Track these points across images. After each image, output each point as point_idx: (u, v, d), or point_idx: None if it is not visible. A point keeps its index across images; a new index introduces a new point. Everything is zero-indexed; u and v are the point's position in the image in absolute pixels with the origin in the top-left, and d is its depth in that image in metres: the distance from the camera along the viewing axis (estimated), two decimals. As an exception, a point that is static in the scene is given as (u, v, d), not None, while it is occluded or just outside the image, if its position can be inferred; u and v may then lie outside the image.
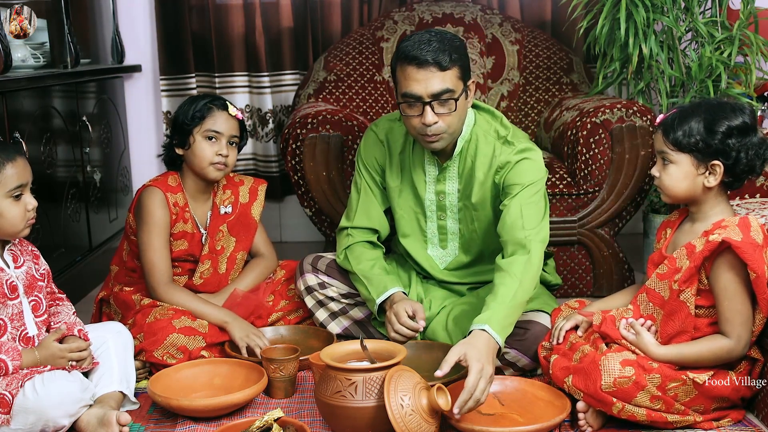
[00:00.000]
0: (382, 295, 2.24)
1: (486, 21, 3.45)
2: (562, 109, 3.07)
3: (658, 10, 2.86)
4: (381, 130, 2.37)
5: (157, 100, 3.75)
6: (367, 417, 1.79)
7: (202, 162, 2.35)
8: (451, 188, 2.30)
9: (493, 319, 1.96)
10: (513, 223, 2.12)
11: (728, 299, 1.82)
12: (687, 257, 1.86)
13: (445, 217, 2.33)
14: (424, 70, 2.06)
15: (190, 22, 3.61)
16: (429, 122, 2.10)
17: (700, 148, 1.86)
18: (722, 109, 1.88)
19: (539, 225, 2.13)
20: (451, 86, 2.09)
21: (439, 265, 2.39)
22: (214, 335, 2.29)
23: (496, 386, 2.02)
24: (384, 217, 2.40)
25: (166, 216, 2.36)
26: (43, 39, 3.03)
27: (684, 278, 1.84)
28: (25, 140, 2.55)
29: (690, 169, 1.88)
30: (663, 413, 1.83)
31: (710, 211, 1.91)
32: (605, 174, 2.79)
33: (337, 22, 3.67)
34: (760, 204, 2.20)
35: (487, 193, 2.25)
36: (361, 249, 2.36)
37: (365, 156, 2.38)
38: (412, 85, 2.08)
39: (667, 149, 1.90)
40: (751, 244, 1.77)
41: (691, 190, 1.90)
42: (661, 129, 1.92)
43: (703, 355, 1.84)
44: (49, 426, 1.84)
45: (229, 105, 2.38)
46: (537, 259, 2.08)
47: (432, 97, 2.08)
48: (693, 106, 1.92)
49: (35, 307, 1.98)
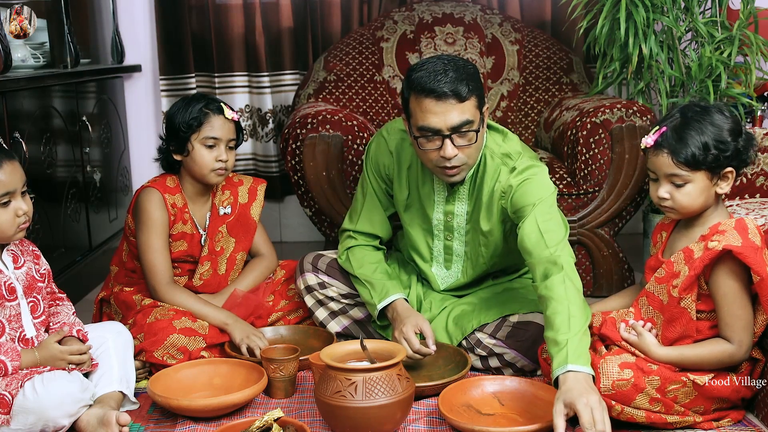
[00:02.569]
0: (384, 301, 2.23)
1: (486, 21, 3.45)
2: (562, 109, 3.07)
3: (658, 10, 2.86)
4: (392, 140, 2.31)
5: (157, 100, 3.75)
6: (367, 417, 1.79)
7: (203, 169, 2.34)
8: (460, 210, 2.25)
9: (568, 355, 1.79)
10: (535, 243, 2.01)
11: (729, 304, 1.81)
12: (685, 262, 1.84)
13: (452, 238, 2.30)
14: (443, 103, 1.99)
15: (190, 22, 3.61)
16: (449, 155, 2.03)
17: (719, 162, 1.82)
18: (713, 115, 1.84)
19: (563, 241, 2.02)
20: (471, 117, 2.02)
21: (440, 285, 2.38)
22: (214, 336, 2.29)
23: (496, 386, 2.03)
24: (386, 223, 2.39)
25: (165, 217, 2.36)
26: (43, 39, 3.03)
27: (684, 286, 1.83)
28: (25, 140, 2.55)
29: (706, 183, 1.84)
30: (662, 415, 1.83)
31: (709, 214, 1.90)
32: (605, 174, 2.79)
33: (337, 22, 3.67)
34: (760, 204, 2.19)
35: (495, 218, 2.19)
36: (363, 252, 2.35)
37: (375, 161, 2.34)
38: (430, 119, 2.01)
39: (681, 171, 1.82)
40: (751, 247, 1.77)
41: (706, 202, 1.87)
42: (668, 152, 1.83)
43: (705, 357, 1.83)
44: (49, 426, 1.84)
45: (224, 108, 2.35)
46: (573, 273, 1.96)
47: (452, 130, 2.01)
48: (683, 120, 1.85)
49: (33, 308, 1.98)
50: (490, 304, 2.27)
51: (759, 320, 1.84)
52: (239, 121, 2.40)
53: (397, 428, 1.88)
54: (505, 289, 2.36)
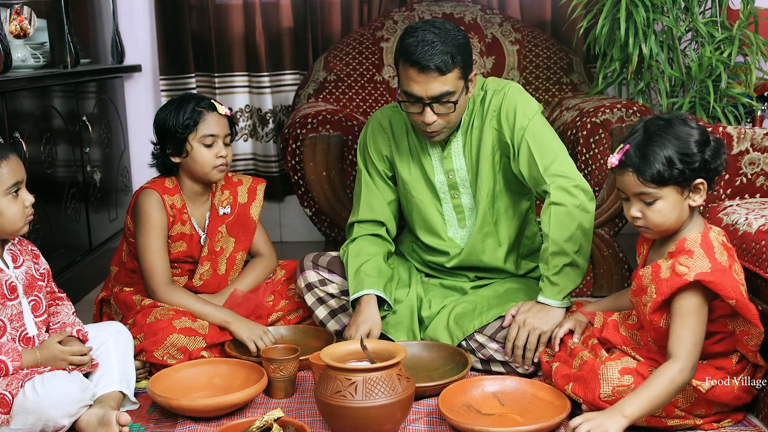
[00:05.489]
0: (355, 294, 2.26)
1: (486, 21, 3.45)
2: (562, 109, 3.07)
3: (658, 10, 2.86)
4: (384, 116, 2.41)
5: (157, 100, 3.75)
6: (367, 417, 1.79)
7: (205, 167, 2.34)
8: (459, 164, 2.32)
9: (543, 289, 2.15)
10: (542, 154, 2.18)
11: (684, 318, 1.76)
12: (652, 279, 1.80)
13: (458, 195, 2.35)
14: (425, 75, 2.12)
15: (190, 22, 3.61)
16: (428, 121, 2.18)
17: (686, 176, 1.76)
18: (676, 127, 1.78)
19: (554, 162, 2.18)
20: (451, 88, 2.14)
21: (460, 244, 2.39)
22: (215, 336, 2.29)
23: (496, 386, 2.03)
24: (388, 209, 2.42)
25: (164, 218, 2.36)
26: (43, 39, 3.03)
27: (652, 309, 1.79)
28: (25, 140, 2.55)
29: (676, 198, 1.78)
30: (663, 419, 1.83)
31: (683, 227, 1.84)
32: (605, 174, 2.79)
33: (337, 22, 3.67)
34: (760, 204, 2.19)
35: (494, 153, 2.28)
36: (362, 243, 2.37)
37: (369, 146, 2.41)
38: (412, 86, 2.14)
39: (649, 189, 1.77)
40: (719, 270, 1.72)
41: (681, 217, 1.81)
42: (633, 171, 1.77)
43: (661, 390, 1.74)
44: (49, 426, 1.84)
45: (216, 104, 2.36)
46: (562, 196, 2.15)
47: (432, 99, 2.15)
48: (646, 136, 1.79)
49: (35, 307, 1.98)
50: (491, 304, 2.27)
51: (754, 334, 1.80)
52: (231, 116, 2.41)
53: (397, 428, 1.88)
54: (506, 290, 2.36)
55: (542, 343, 2.10)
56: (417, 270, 2.48)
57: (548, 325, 2.10)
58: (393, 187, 2.44)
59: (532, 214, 2.45)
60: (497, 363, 2.19)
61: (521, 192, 2.37)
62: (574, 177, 2.19)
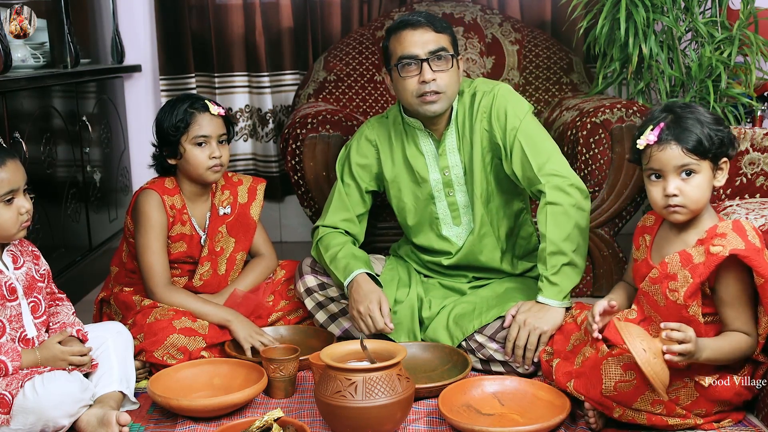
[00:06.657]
0: (348, 278, 2.26)
1: (486, 21, 3.45)
2: (562, 109, 3.07)
3: (658, 10, 2.86)
4: (371, 129, 2.42)
5: (157, 100, 3.75)
6: (367, 417, 1.79)
7: (198, 169, 2.34)
8: (454, 161, 2.32)
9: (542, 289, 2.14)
10: (535, 154, 2.18)
11: (743, 304, 1.81)
12: (682, 266, 1.81)
13: (453, 193, 2.35)
14: (420, 30, 2.18)
15: (190, 22, 3.61)
16: (428, 79, 2.18)
17: (720, 150, 1.82)
18: (697, 108, 1.85)
19: (548, 162, 2.18)
20: (446, 45, 2.20)
21: (457, 243, 2.39)
22: (215, 336, 2.29)
23: (496, 386, 2.03)
24: (356, 221, 2.42)
25: (163, 218, 2.36)
26: (43, 39, 3.03)
27: (689, 293, 1.79)
28: (25, 140, 2.55)
29: (710, 175, 1.84)
30: (664, 417, 1.82)
31: (701, 217, 1.87)
32: (605, 174, 2.79)
33: (337, 22, 3.67)
34: (760, 204, 2.19)
35: (484, 155, 2.28)
36: (329, 238, 2.38)
37: (352, 160, 2.40)
38: (408, 47, 2.18)
39: (692, 159, 1.80)
40: (754, 249, 1.76)
41: (708, 198, 1.86)
42: (675, 142, 1.81)
43: (735, 347, 1.81)
44: (48, 426, 1.84)
45: (209, 105, 2.35)
46: (557, 195, 2.15)
47: (429, 54, 2.18)
48: (676, 115, 1.84)
49: (34, 308, 1.98)
50: (491, 304, 2.27)
51: (763, 322, 1.82)
52: (227, 115, 2.40)
53: (397, 428, 1.88)
54: (505, 290, 2.36)
55: (542, 343, 2.10)
56: (416, 271, 2.48)
57: (549, 324, 2.10)
58: (366, 203, 2.44)
59: (528, 214, 2.44)
60: (497, 363, 2.19)
61: (513, 192, 2.36)
62: (569, 176, 2.19)
